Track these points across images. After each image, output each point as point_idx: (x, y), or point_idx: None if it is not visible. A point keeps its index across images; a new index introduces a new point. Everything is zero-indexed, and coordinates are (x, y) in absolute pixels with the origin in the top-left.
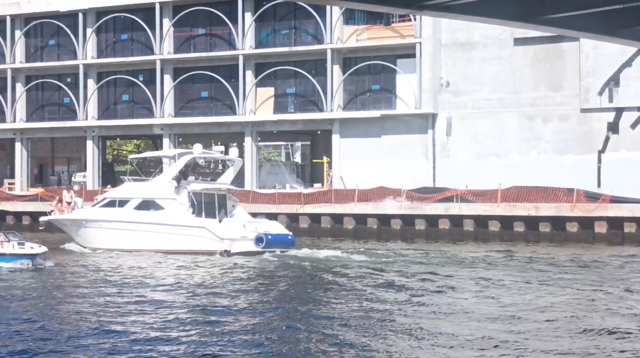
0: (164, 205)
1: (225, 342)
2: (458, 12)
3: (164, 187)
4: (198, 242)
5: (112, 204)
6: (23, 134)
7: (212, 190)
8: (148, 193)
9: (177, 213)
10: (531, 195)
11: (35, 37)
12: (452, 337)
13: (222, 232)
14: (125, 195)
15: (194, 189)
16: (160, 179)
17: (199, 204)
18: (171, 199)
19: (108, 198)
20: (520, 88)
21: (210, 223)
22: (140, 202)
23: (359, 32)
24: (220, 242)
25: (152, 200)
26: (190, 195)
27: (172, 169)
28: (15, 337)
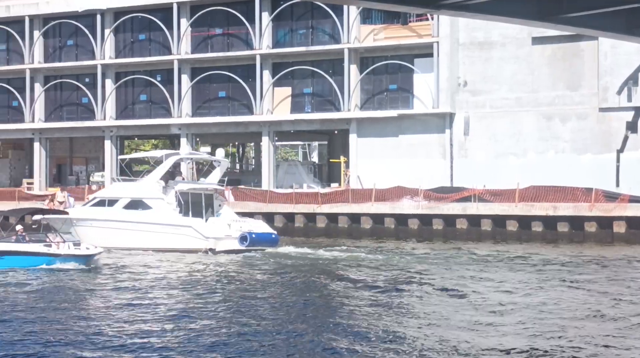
0: (151, 204)
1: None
2: (476, 11)
3: (152, 187)
4: (184, 241)
5: (102, 203)
6: (42, 134)
7: (199, 190)
8: (136, 193)
9: (164, 212)
10: (549, 194)
11: (54, 37)
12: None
13: (207, 231)
14: (115, 194)
15: (181, 189)
16: (149, 179)
17: (186, 204)
18: (159, 199)
19: (98, 198)
20: (539, 87)
21: (196, 222)
22: (128, 202)
23: (376, 31)
24: (205, 241)
25: (140, 200)
26: (177, 195)
27: (160, 170)
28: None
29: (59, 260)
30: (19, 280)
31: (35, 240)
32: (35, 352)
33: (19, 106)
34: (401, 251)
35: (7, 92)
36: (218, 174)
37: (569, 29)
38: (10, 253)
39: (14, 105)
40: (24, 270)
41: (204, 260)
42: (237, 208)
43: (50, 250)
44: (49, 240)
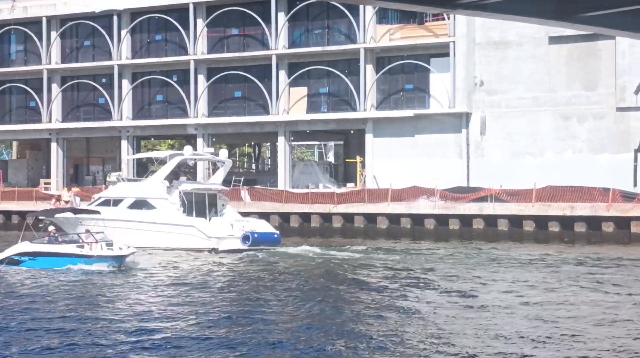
0: (155, 204)
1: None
2: (492, 10)
3: (156, 187)
4: (187, 240)
5: (107, 203)
6: (59, 134)
7: (203, 190)
8: (141, 193)
9: (168, 212)
10: (566, 194)
11: (71, 38)
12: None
13: (210, 231)
14: (119, 194)
15: (185, 189)
16: (153, 179)
17: (190, 204)
18: (162, 199)
19: (103, 198)
20: (555, 87)
21: (199, 222)
22: (133, 201)
23: (392, 31)
24: (208, 240)
25: (144, 200)
26: (181, 195)
27: (164, 170)
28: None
29: (92, 261)
30: (50, 281)
31: (68, 241)
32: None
33: (36, 106)
34: (417, 251)
35: (25, 92)
36: (222, 174)
37: (586, 29)
38: (43, 255)
39: (31, 106)
40: (56, 271)
41: (218, 259)
42: (253, 208)
43: (83, 251)
44: (82, 241)
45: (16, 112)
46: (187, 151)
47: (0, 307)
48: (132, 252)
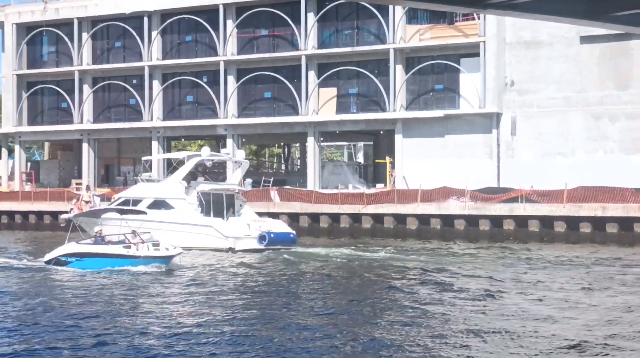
0: (174, 204)
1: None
2: (523, 10)
3: (175, 187)
4: (205, 240)
5: (126, 203)
6: (90, 135)
7: (221, 191)
8: (159, 193)
9: (186, 212)
10: (598, 195)
11: (102, 39)
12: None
13: (227, 231)
14: (139, 194)
15: (203, 190)
16: (171, 180)
17: (208, 204)
18: (181, 199)
19: (123, 198)
20: (587, 86)
21: (217, 222)
22: (152, 202)
23: (421, 31)
24: (225, 240)
25: (163, 200)
26: (199, 195)
27: (182, 171)
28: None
29: (139, 262)
30: (96, 282)
31: (115, 241)
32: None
33: (67, 108)
34: (447, 251)
35: (57, 93)
36: (239, 174)
37: (618, 28)
38: (90, 255)
39: (63, 107)
40: (102, 272)
41: (258, 260)
42: (282, 208)
43: (130, 251)
44: (128, 241)
45: (48, 113)
46: (205, 152)
47: (44, 306)
48: (179, 253)
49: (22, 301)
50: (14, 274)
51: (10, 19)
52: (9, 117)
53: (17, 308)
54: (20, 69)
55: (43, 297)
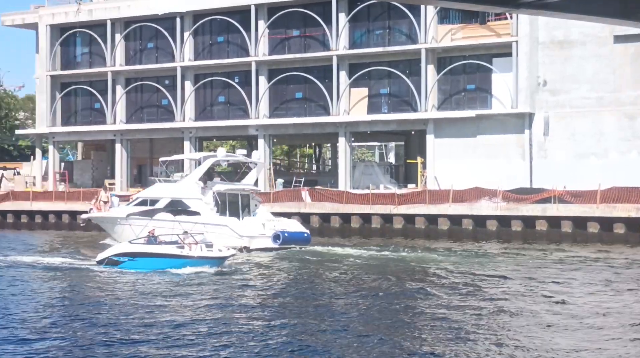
0: (190, 204)
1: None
2: (556, 9)
3: (191, 187)
4: (220, 239)
5: (144, 203)
6: (123, 135)
7: (236, 191)
8: (176, 193)
9: (203, 212)
10: (632, 196)
11: (135, 40)
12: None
13: (242, 230)
14: (156, 195)
15: (219, 190)
16: (188, 180)
17: (223, 204)
18: (197, 199)
19: (141, 198)
20: (620, 86)
21: (232, 221)
22: (169, 202)
23: (453, 31)
24: (240, 239)
25: (179, 200)
26: (214, 195)
27: (198, 171)
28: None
29: (192, 262)
30: (148, 282)
31: (168, 241)
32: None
33: (100, 108)
34: (477, 252)
35: (90, 94)
36: (254, 175)
37: None
38: (143, 255)
39: (96, 107)
40: (155, 273)
41: (300, 260)
42: (314, 209)
43: (183, 252)
44: (181, 242)
45: (81, 113)
46: (220, 153)
47: (94, 305)
48: (232, 254)
49: (75, 301)
50: (68, 274)
51: (44, 21)
52: (43, 118)
53: (69, 309)
54: (54, 70)
55: (96, 297)
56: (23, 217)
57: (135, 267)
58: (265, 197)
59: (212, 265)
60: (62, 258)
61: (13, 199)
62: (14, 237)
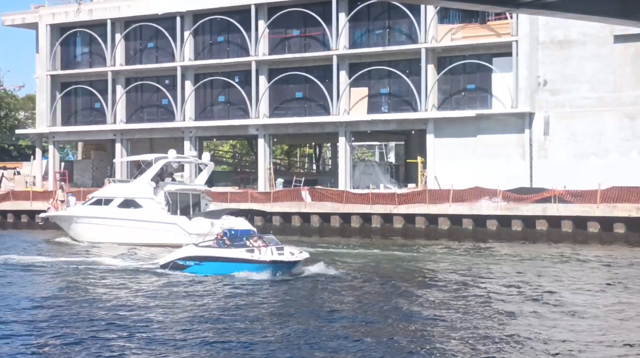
0: (142, 203)
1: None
2: (556, 9)
3: (143, 187)
4: (169, 237)
5: (98, 203)
6: (123, 135)
7: (187, 191)
8: (129, 193)
9: (153, 211)
10: (632, 196)
11: (135, 40)
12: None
13: (190, 228)
14: (110, 194)
15: (170, 190)
16: (140, 181)
17: (175, 203)
18: (149, 198)
19: (95, 198)
20: (621, 86)
21: (181, 220)
22: (122, 201)
23: (453, 31)
24: (188, 237)
25: (132, 199)
26: (166, 195)
27: (150, 172)
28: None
29: (262, 267)
30: (215, 287)
31: (237, 244)
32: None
33: (101, 108)
34: (481, 252)
35: (90, 94)
36: (205, 175)
37: None
38: (210, 259)
39: (96, 107)
40: (223, 278)
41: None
42: (314, 208)
43: (253, 256)
44: (251, 245)
45: (81, 113)
46: (171, 154)
47: (152, 311)
48: (305, 257)
49: (138, 306)
50: (131, 278)
51: (44, 20)
52: (43, 118)
53: (133, 313)
54: (54, 69)
55: (162, 304)
56: (23, 216)
57: (201, 271)
58: (266, 196)
59: (283, 270)
60: (122, 261)
61: (13, 199)
62: (26, 237)
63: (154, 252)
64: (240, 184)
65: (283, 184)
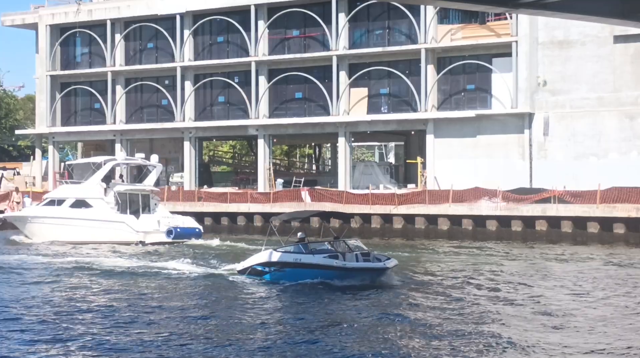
0: (93, 203)
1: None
2: (555, 9)
3: (94, 188)
4: (118, 235)
5: (52, 203)
6: (123, 135)
7: (136, 191)
8: (80, 193)
9: (103, 210)
10: (632, 196)
11: (134, 40)
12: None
13: (138, 226)
14: (62, 195)
15: (119, 190)
16: (91, 182)
17: (124, 203)
18: (99, 199)
19: (49, 198)
20: (621, 86)
21: (129, 218)
22: (74, 201)
23: (453, 31)
24: (136, 234)
25: (83, 200)
26: (115, 195)
27: (100, 173)
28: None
29: (348, 274)
30: (294, 298)
31: (320, 249)
32: None
33: (100, 108)
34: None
35: (89, 94)
36: (153, 176)
37: None
38: (291, 266)
39: (96, 108)
40: (304, 286)
41: None
42: (313, 209)
43: (338, 262)
44: (335, 250)
45: (81, 113)
46: (120, 156)
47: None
48: (394, 264)
49: (213, 313)
50: (210, 285)
51: (44, 21)
52: (43, 118)
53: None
54: (53, 70)
55: (239, 313)
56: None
57: (282, 278)
58: (265, 197)
59: (371, 278)
60: (193, 266)
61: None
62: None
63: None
64: (240, 185)
65: (283, 185)
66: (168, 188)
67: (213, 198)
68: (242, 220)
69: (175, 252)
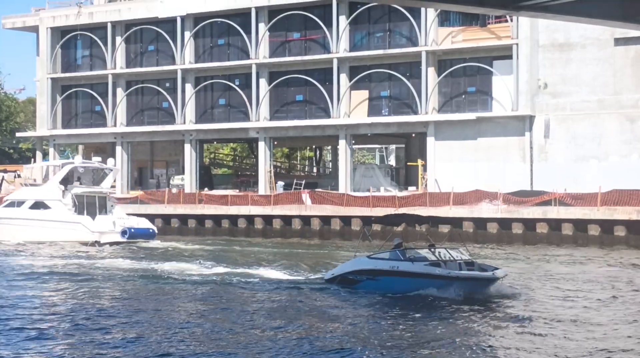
0: (51, 205)
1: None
2: (556, 12)
3: (52, 190)
4: (75, 235)
5: (12, 205)
6: (123, 138)
7: (94, 193)
8: (39, 195)
9: (61, 211)
10: (632, 198)
11: (135, 43)
12: None
13: (94, 226)
14: (22, 197)
15: (77, 192)
16: (50, 184)
17: (81, 205)
18: (57, 200)
19: (9, 200)
20: (621, 89)
21: (85, 219)
22: (33, 203)
23: (454, 33)
24: (92, 234)
25: (42, 201)
26: (73, 197)
27: (58, 176)
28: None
29: (452, 284)
30: (388, 309)
31: (418, 256)
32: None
33: (101, 111)
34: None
35: (90, 97)
36: (110, 179)
37: None
38: (387, 274)
39: (96, 110)
40: (401, 297)
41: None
42: (314, 211)
43: (440, 271)
44: (437, 258)
45: (82, 116)
46: (77, 160)
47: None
48: (504, 275)
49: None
50: (297, 296)
51: (45, 23)
52: (44, 121)
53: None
54: (54, 72)
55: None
56: None
57: (376, 287)
58: (266, 199)
59: (477, 288)
60: (282, 274)
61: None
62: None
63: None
64: (240, 187)
65: (283, 187)
66: (169, 191)
67: (214, 201)
68: (242, 223)
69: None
